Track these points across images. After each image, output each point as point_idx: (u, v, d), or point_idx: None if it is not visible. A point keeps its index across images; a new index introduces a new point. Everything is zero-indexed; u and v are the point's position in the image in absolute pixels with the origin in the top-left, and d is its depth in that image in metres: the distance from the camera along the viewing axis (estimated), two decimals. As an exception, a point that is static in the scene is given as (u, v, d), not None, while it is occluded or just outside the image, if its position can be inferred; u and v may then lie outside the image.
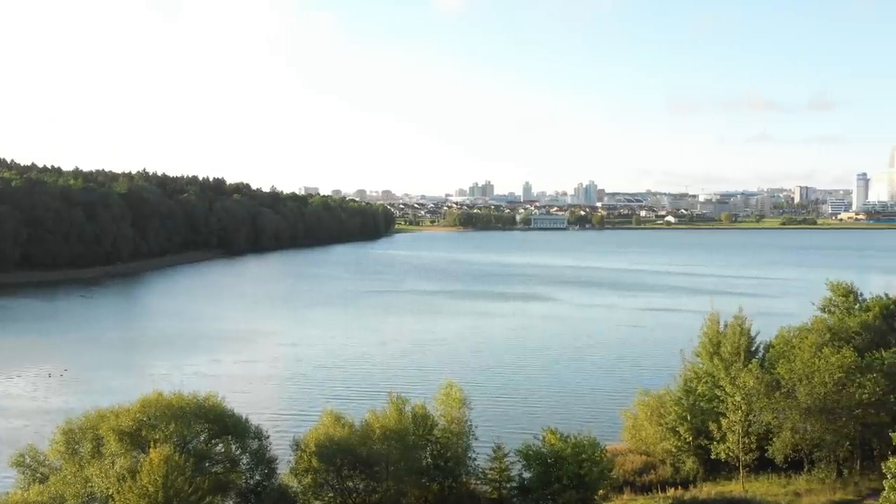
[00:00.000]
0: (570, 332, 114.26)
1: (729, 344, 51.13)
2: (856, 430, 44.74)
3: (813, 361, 45.12)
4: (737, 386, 46.78)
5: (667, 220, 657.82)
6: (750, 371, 46.98)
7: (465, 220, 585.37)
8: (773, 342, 50.57)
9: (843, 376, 44.08)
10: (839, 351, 44.98)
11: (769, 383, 46.51)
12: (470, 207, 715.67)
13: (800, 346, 47.05)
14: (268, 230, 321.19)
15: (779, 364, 46.86)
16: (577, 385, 79.65)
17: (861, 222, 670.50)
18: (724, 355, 50.94)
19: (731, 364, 49.68)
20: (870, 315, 49.10)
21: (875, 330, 48.72)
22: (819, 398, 44.52)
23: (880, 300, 50.87)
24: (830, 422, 44.75)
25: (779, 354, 48.17)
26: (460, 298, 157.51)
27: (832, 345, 45.92)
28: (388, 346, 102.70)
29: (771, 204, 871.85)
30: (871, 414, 44.08)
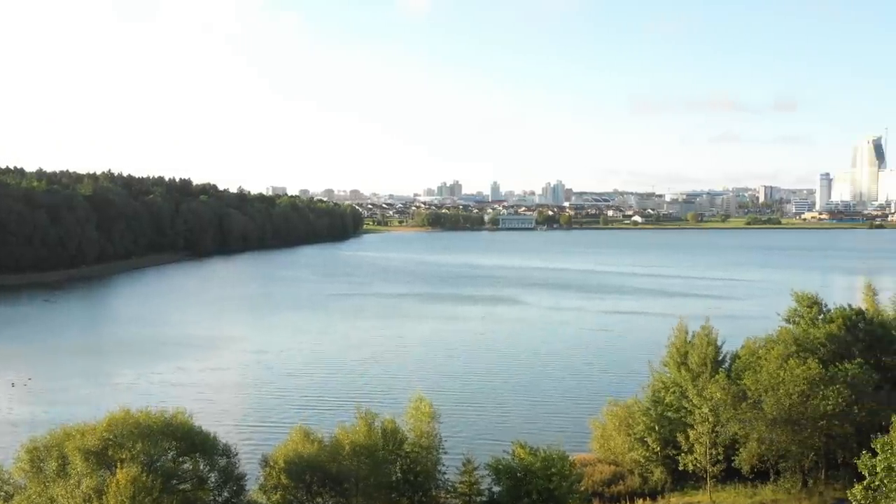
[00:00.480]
0: (539, 336, 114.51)
1: (696, 355, 51.54)
2: (820, 440, 45.29)
3: (779, 373, 45.62)
4: (704, 398, 47.24)
5: (634, 220, 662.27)
6: (717, 382, 47.47)
7: (433, 220, 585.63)
8: (739, 353, 51.08)
9: (807, 388, 44.62)
10: (804, 363, 45.51)
11: (736, 394, 46.98)
12: (438, 207, 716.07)
13: (766, 358, 47.57)
14: (235, 231, 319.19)
15: (745, 375, 47.33)
16: (545, 392, 79.66)
17: (824, 222, 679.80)
18: (692, 366, 51.38)
19: (699, 375, 50.14)
20: (834, 326, 49.74)
21: (839, 341, 49.38)
22: (784, 409, 45.01)
23: (843, 311, 51.55)
24: (796, 433, 45.25)
25: (745, 366, 48.65)
26: (429, 301, 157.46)
27: (797, 356, 46.45)
28: (356, 352, 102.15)
29: (736, 203, 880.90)
30: (835, 425, 44.65)
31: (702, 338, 52.77)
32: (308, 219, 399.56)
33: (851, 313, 50.92)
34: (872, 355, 50.31)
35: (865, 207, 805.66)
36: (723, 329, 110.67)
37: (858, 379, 45.17)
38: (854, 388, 44.68)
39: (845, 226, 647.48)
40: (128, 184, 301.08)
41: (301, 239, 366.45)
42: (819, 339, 49.10)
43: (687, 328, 54.75)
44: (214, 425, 59.97)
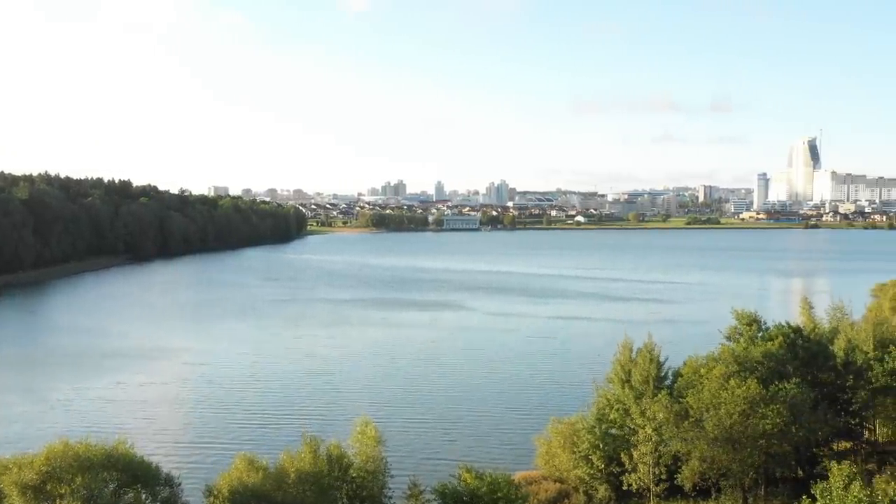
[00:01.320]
0: (484, 345, 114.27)
1: (639, 373, 52.16)
2: (760, 458, 46.13)
3: (720, 393, 46.37)
4: (647, 418, 47.86)
5: (577, 220, 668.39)
6: (660, 402, 48.13)
7: (377, 221, 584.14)
8: (681, 371, 51.77)
9: (748, 408, 45.42)
10: (745, 382, 46.33)
11: (678, 412, 47.68)
12: (382, 208, 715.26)
13: (707, 377, 48.29)
14: (176, 234, 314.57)
15: (688, 394, 48.02)
16: (491, 406, 79.40)
17: (762, 221, 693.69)
18: (635, 384, 52.00)
19: (642, 394, 50.79)
20: (773, 344, 50.72)
21: (777, 359, 50.37)
22: (725, 428, 45.74)
23: (782, 328, 52.61)
24: (736, 451, 46.01)
25: (687, 384, 49.35)
26: (373, 307, 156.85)
27: (738, 375, 47.28)
28: (301, 364, 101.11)
29: (677, 203, 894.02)
30: (774, 444, 45.53)
31: (644, 355, 53.42)
32: (251, 220, 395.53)
33: (789, 331, 51.98)
34: (810, 372, 51.44)
35: (801, 207, 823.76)
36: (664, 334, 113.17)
37: (797, 398, 46.13)
38: (792, 408, 45.63)
39: (782, 225, 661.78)
40: (65, 186, 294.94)
41: (244, 241, 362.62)
42: (758, 357, 50.03)
43: (631, 345, 55.32)
44: (156, 450, 59.48)
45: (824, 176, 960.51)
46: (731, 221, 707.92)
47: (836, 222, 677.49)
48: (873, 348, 55.49)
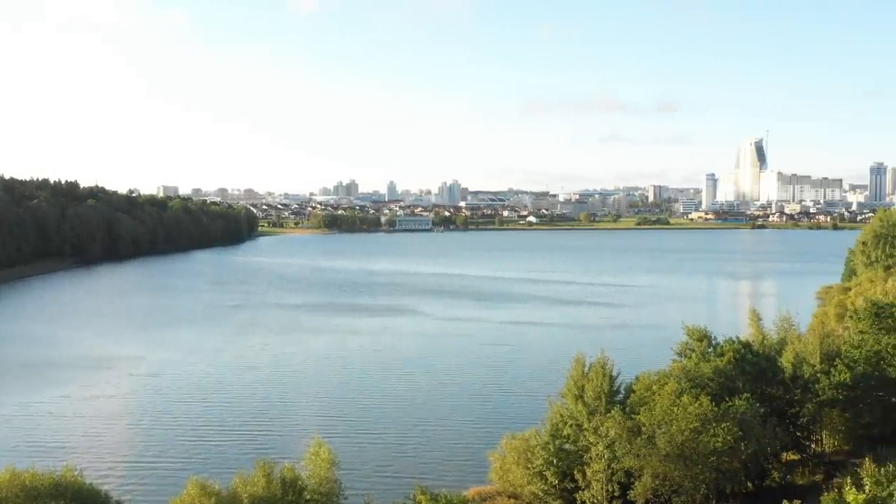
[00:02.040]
0: (438, 353, 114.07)
1: (592, 389, 52.48)
2: (711, 475, 46.71)
3: (672, 409, 46.87)
4: (599, 435, 48.22)
5: (529, 221, 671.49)
6: (612, 418, 48.51)
7: (329, 221, 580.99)
8: (634, 387, 52.23)
9: (699, 425, 45.97)
10: (696, 399, 46.89)
11: (631, 429, 48.11)
12: (334, 208, 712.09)
13: (659, 393, 48.79)
14: (125, 237, 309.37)
15: (641, 411, 48.46)
16: (445, 419, 79.00)
17: (710, 222, 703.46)
18: (588, 400, 52.32)
19: (595, 410, 51.14)
20: (723, 360, 51.42)
21: (727, 375, 51.08)
22: (677, 445, 46.25)
23: (732, 344, 53.34)
24: (688, 468, 46.55)
25: (640, 400, 49.81)
26: (326, 313, 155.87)
27: (690, 392, 47.83)
28: (252, 374, 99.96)
29: (627, 203, 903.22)
30: (724, 461, 46.13)
31: (597, 371, 53.72)
32: (201, 222, 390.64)
33: (739, 346, 52.71)
34: (759, 387, 52.19)
35: (748, 207, 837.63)
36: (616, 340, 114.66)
37: (746, 415, 46.80)
38: (742, 425, 46.27)
39: (730, 226, 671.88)
40: (9, 187, 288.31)
41: (194, 243, 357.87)
42: (709, 374, 50.68)
43: (584, 360, 55.61)
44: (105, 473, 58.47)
45: (771, 176, 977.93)
46: (680, 221, 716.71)
47: (783, 222, 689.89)
48: (820, 361, 56.45)
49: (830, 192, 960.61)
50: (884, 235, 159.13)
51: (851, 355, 52.57)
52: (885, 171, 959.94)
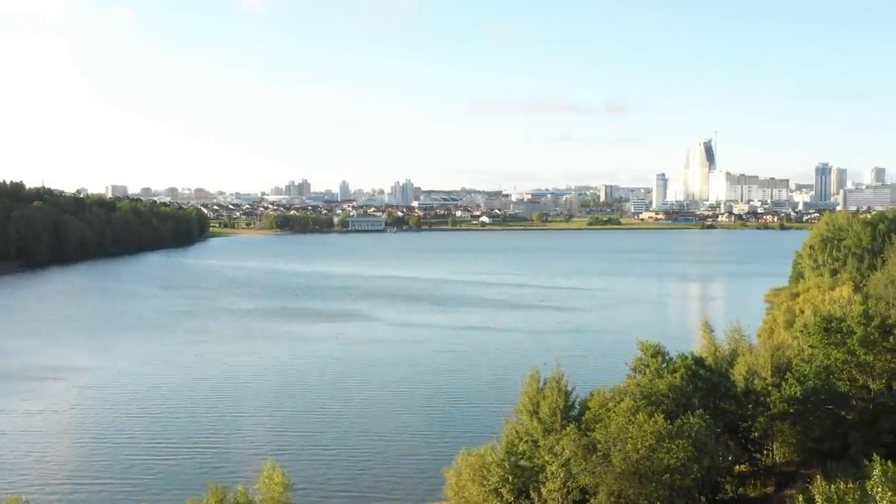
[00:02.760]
0: (391, 362, 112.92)
1: (547, 406, 52.52)
2: (665, 493, 46.93)
3: (627, 427, 47.01)
4: (555, 454, 48.18)
5: (482, 221, 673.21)
6: (568, 436, 48.53)
7: (281, 222, 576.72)
8: (589, 403, 52.32)
9: (654, 442, 46.17)
10: (651, 416, 47.10)
11: (586, 446, 48.17)
12: (286, 208, 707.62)
13: (615, 410, 48.93)
14: (72, 239, 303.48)
15: (596, 428, 48.54)
16: (399, 432, 78.03)
17: (661, 222, 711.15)
18: (543, 417, 52.35)
19: (551, 426, 51.16)
20: (676, 377, 51.74)
21: (681, 391, 51.39)
22: (633, 462, 46.38)
23: (685, 360, 53.66)
24: (643, 485, 46.69)
25: (595, 418, 49.90)
26: (278, 319, 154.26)
27: (645, 410, 48.04)
28: (203, 386, 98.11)
29: (579, 202, 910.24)
30: (678, 479, 46.37)
31: (553, 387, 53.79)
32: (151, 223, 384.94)
33: (691, 362, 53.07)
34: (712, 401, 52.60)
35: (698, 207, 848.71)
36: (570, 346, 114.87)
37: (701, 433, 47.09)
38: (696, 442, 46.56)
39: (680, 226, 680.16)
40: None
41: (144, 245, 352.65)
42: (663, 391, 50.96)
43: (539, 376, 55.63)
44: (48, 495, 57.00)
45: (719, 177, 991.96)
46: (631, 221, 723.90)
47: (731, 223, 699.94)
48: (771, 374, 57.06)
49: (777, 192, 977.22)
50: (830, 239, 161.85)
51: (802, 370, 53.17)
52: (829, 172, 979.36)
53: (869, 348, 51.54)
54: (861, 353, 51.65)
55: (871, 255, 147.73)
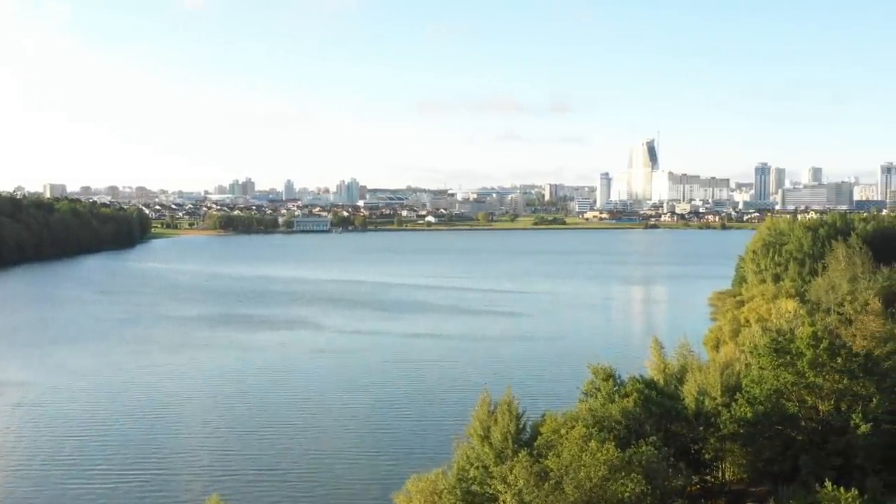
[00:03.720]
0: (337, 375, 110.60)
1: (498, 431, 51.73)
2: (617, 522, 46.45)
3: (580, 455, 46.38)
4: (508, 484, 47.36)
5: (428, 221, 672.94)
6: (520, 463, 47.76)
7: (225, 222, 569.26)
8: (541, 428, 51.67)
9: (607, 472, 45.61)
10: (604, 444, 46.54)
11: (538, 473, 47.44)
12: (230, 208, 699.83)
13: (567, 437, 48.30)
14: (8, 241, 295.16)
15: (548, 455, 47.86)
16: (347, 453, 75.92)
17: (605, 221, 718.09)
18: (495, 442, 51.55)
19: (503, 452, 50.39)
20: (629, 401, 51.31)
21: (634, 417, 50.98)
22: (585, 491, 45.74)
23: (636, 383, 53.31)
24: (595, 514, 46.17)
25: (548, 444, 49.25)
26: (221, 327, 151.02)
27: (597, 437, 47.48)
28: (143, 402, 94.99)
29: (524, 202, 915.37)
30: (630, 508, 45.92)
31: (504, 411, 52.99)
32: (91, 225, 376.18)
33: (643, 386, 52.73)
34: (663, 426, 52.33)
35: (641, 207, 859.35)
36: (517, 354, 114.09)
37: (653, 462, 46.66)
38: (649, 471, 46.11)
39: (624, 225, 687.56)
40: None
41: (83, 247, 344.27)
42: (616, 416, 50.49)
43: (490, 399, 54.82)
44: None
45: (662, 176, 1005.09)
46: (576, 221, 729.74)
47: (674, 222, 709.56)
48: (721, 394, 57.12)
49: (718, 191, 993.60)
50: (772, 244, 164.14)
51: (752, 391, 53.11)
52: (768, 172, 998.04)
53: (818, 370, 51.64)
54: (810, 374, 51.75)
55: (812, 259, 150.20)
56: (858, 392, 51.78)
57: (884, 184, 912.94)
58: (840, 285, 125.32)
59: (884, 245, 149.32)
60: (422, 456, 66.81)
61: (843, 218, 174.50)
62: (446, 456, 57.62)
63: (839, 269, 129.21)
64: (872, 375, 52.23)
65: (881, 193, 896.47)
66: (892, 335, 61.96)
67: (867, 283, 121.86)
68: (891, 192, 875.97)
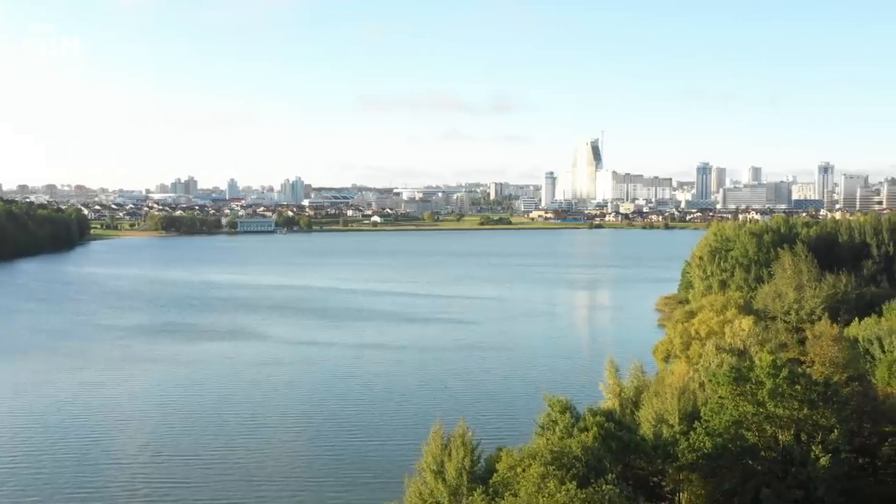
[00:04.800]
0: (279, 392, 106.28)
1: (453, 466, 49.76)
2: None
3: (537, 496, 44.63)
4: (464, 527, 45.54)
5: (373, 221, 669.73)
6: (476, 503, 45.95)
7: (167, 223, 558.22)
8: (497, 465, 49.81)
9: (565, 513, 43.97)
10: (563, 483, 44.84)
11: (495, 514, 45.69)
12: (172, 208, 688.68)
13: (524, 476, 46.53)
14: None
15: (505, 495, 46.05)
16: (287, 482, 72.75)
17: (550, 221, 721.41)
18: (449, 479, 49.57)
19: (457, 491, 48.48)
20: (588, 436, 49.62)
21: (594, 453, 49.32)
22: (543, 533, 44.11)
23: (595, 415, 51.71)
24: (554, 556, 44.50)
25: (504, 482, 47.44)
26: (161, 338, 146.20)
27: (555, 476, 45.75)
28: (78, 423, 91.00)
29: (469, 201, 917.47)
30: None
31: (457, 445, 51.04)
32: (27, 227, 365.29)
33: (603, 420, 51.11)
34: (623, 460, 50.84)
35: (586, 206, 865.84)
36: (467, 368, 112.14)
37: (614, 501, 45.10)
38: (609, 511, 44.59)
39: (569, 225, 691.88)
40: None
41: (20, 251, 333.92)
42: (575, 453, 48.77)
43: (443, 431, 52.79)
44: None
45: (606, 175, 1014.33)
46: (521, 220, 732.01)
47: (618, 222, 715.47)
48: (679, 422, 55.94)
49: (661, 190, 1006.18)
50: (718, 250, 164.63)
51: (712, 423, 51.84)
52: (710, 171, 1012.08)
53: (778, 400, 50.63)
54: (770, 404, 50.72)
55: (758, 265, 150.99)
56: (819, 422, 50.88)
57: (821, 183, 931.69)
58: (786, 293, 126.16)
59: (827, 250, 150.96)
60: (369, 486, 64.49)
61: (786, 223, 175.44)
62: (395, 484, 55.47)
63: (785, 277, 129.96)
64: (832, 404, 51.36)
65: (818, 193, 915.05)
66: (850, 361, 61.48)
67: (813, 292, 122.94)
68: (827, 192, 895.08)
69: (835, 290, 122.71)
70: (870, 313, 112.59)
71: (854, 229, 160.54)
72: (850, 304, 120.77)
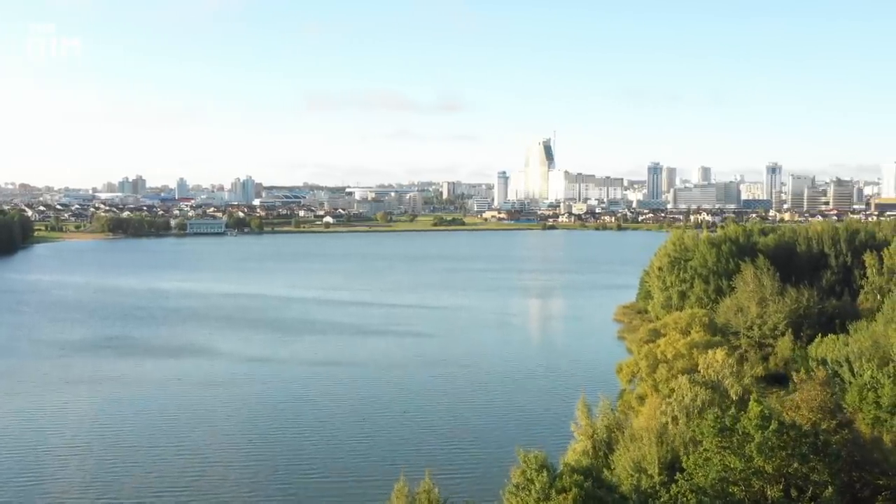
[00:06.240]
0: (230, 419, 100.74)
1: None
2: None
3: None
4: None
5: (326, 222, 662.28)
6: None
7: (115, 225, 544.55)
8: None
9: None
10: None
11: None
12: (120, 209, 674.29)
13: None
14: None
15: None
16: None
17: (504, 222, 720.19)
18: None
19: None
20: (568, 497, 45.80)
21: (573, 516, 45.71)
22: None
23: (573, 474, 47.89)
24: None
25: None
26: (106, 355, 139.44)
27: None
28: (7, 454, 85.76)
29: (422, 200, 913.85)
30: None
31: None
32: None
33: (582, 479, 47.30)
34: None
35: (539, 206, 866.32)
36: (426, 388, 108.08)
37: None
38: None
39: (522, 226, 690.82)
40: None
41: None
42: (553, 518, 45.13)
43: (406, 489, 48.91)
44: None
45: (558, 175, 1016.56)
46: (475, 221, 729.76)
47: (571, 223, 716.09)
48: (659, 472, 52.70)
49: (613, 190, 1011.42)
50: (677, 260, 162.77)
51: (696, 479, 48.43)
52: (661, 171, 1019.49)
53: (766, 455, 47.38)
54: (759, 459, 47.46)
55: (717, 276, 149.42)
56: (810, 476, 47.75)
57: (769, 183, 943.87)
58: (749, 308, 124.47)
59: (786, 260, 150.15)
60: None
61: (744, 232, 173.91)
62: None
63: (747, 291, 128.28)
64: (824, 457, 48.23)
65: (767, 193, 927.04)
66: (839, 407, 58.76)
67: (776, 307, 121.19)
68: (776, 192, 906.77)
69: (797, 305, 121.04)
70: (832, 327, 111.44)
71: (812, 239, 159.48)
72: (813, 318, 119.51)
